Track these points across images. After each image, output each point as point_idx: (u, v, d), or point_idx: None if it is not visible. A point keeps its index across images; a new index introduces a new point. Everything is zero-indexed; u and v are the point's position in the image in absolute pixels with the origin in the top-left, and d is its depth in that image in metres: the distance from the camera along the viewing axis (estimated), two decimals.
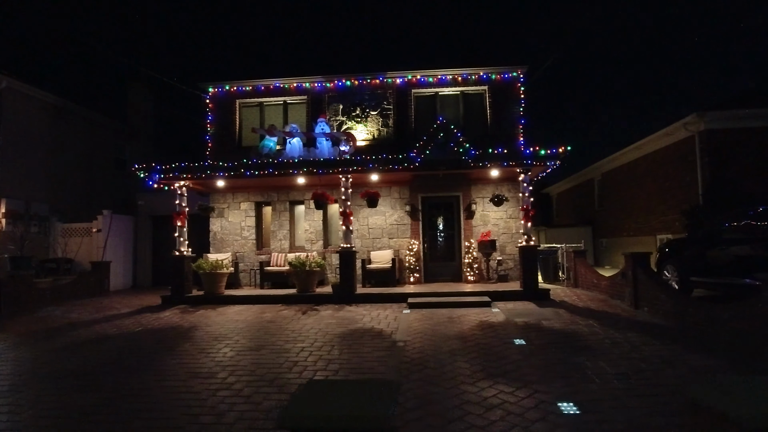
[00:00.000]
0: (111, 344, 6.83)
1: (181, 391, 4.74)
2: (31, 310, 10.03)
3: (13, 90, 11.96)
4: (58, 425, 4.03)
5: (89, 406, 4.39)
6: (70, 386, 4.99)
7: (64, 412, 4.30)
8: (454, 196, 11.80)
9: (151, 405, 4.40)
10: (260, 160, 10.04)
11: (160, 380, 5.08)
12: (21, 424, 4.09)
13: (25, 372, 5.59)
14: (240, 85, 12.52)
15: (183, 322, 8.08)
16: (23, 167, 12.27)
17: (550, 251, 12.05)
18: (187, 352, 6.21)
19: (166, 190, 10.99)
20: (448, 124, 9.62)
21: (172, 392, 4.72)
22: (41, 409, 4.40)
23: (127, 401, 4.51)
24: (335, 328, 7.27)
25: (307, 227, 12.09)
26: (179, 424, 3.94)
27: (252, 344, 6.48)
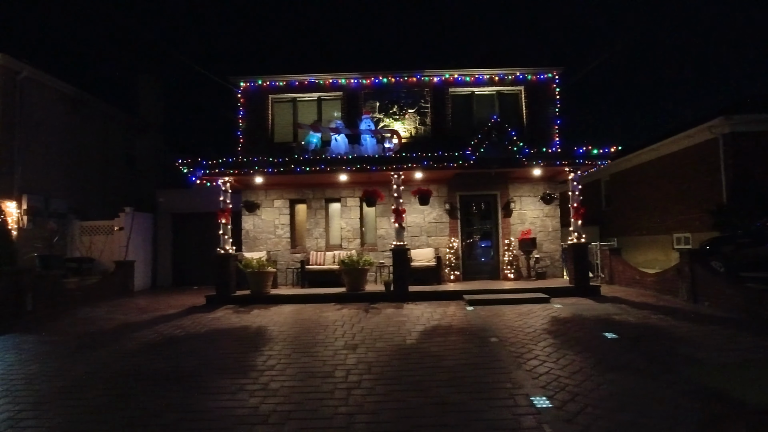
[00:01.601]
0: (187, 345, 6.53)
1: (321, 390, 4.60)
2: (66, 310, 9.52)
3: (33, 80, 11.30)
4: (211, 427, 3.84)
5: (237, 407, 4.21)
6: (188, 387, 4.77)
7: (206, 413, 4.11)
8: (492, 194, 11.91)
9: (296, 405, 4.25)
10: (306, 156, 9.85)
11: (284, 380, 4.92)
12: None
13: (120, 373, 5.28)
14: (273, 80, 12.24)
15: (245, 322, 7.82)
16: (41, 161, 11.60)
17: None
18: (278, 352, 6.02)
19: (208, 185, 10.62)
20: (503, 122, 9.70)
21: (309, 392, 4.57)
22: (185, 411, 4.19)
23: (267, 401, 4.34)
24: (414, 326, 7.21)
25: (344, 225, 11.94)
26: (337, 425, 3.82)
27: (350, 343, 6.34)
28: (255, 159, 9.76)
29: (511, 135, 9.53)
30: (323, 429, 3.77)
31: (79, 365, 5.66)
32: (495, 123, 9.64)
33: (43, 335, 7.36)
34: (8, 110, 10.70)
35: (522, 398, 4.29)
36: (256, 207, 10.86)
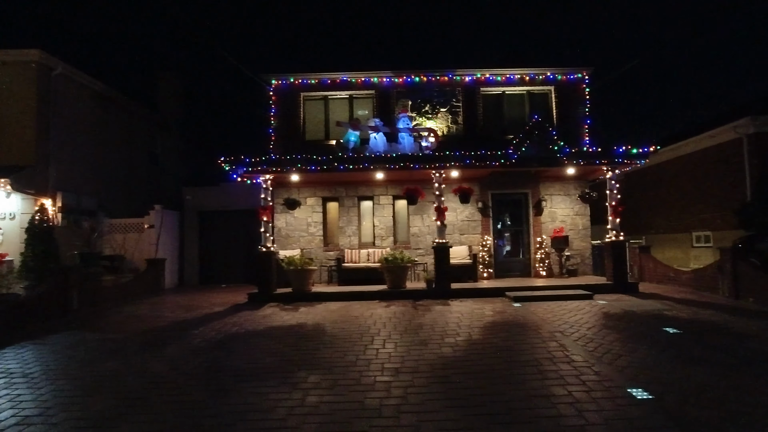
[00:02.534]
0: (252, 342, 6.54)
1: (415, 385, 4.67)
2: (108, 307, 9.49)
3: (66, 77, 11.19)
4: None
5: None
6: (280, 382, 4.82)
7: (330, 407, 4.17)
8: (523, 193, 12.05)
9: (401, 399, 4.32)
10: (350, 155, 9.90)
11: (375, 375, 4.98)
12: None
13: (203, 370, 5.30)
14: (305, 77, 12.25)
15: (299, 320, 7.85)
16: (72, 158, 11.49)
17: (601, 246, 12.53)
18: (351, 348, 6.07)
19: (248, 183, 10.61)
20: (544, 122, 9.82)
21: (405, 386, 4.64)
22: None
23: (370, 395, 4.40)
24: (472, 322, 7.31)
25: (377, 223, 12.00)
26: (453, 417, 3.91)
27: (417, 339, 6.41)
28: (299, 156, 9.78)
29: (552, 134, 9.66)
30: (439, 421, 3.86)
31: (157, 362, 5.68)
32: (536, 122, 9.77)
33: (101, 333, 7.34)
34: (43, 107, 10.60)
35: (618, 390, 4.41)
36: (297, 204, 10.86)
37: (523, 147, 9.60)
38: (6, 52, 10.34)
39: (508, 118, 12.43)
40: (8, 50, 10.35)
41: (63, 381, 5.09)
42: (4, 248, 10.20)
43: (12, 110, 10.38)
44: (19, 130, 10.37)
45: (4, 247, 10.21)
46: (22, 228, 10.31)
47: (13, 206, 10.32)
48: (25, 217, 10.34)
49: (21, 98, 10.38)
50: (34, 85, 10.43)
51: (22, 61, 10.39)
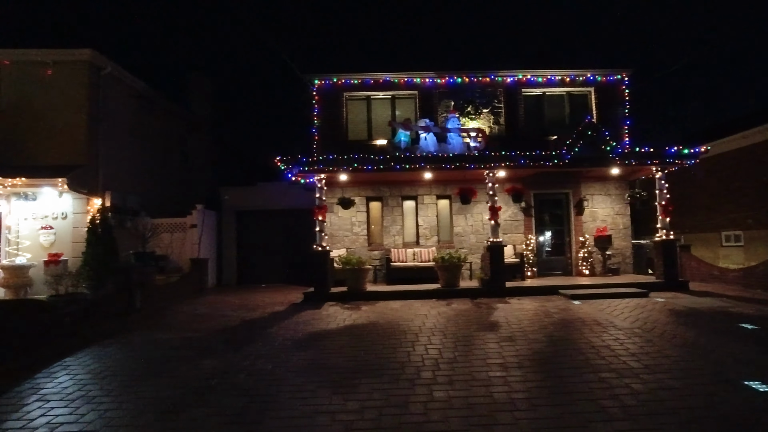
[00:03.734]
0: (337, 340, 6.60)
1: (531, 380, 4.78)
2: (166, 307, 9.51)
3: (112, 76, 11.18)
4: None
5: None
6: (394, 379, 4.90)
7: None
8: (564, 192, 12.20)
9: (527, 393, 4.42)
10: (407, 154, 9.99)
11: (480, 371, 5.08)
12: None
13: (306, 368, 5.37)
14: (348, 77, 12.31)
15: (369, 318, 7.91)
16: (118, 158, 11.48)
17: (638, 245, 12.73)
18: (438, 345, 6.16)
19: (301, 183, 10.67)
20: (597, 122, 9.96)
21: (520, 381, 4.74)
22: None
23: (495, 390, 4.50)
24: (542, 319, 7.42)
25: (422, 223, 12.09)
26: (590, 410, 4.01)
27: (501, 335, 6.51)
28: (356, 156, 9.85)
29: (605, 135, 9.81)
30: (574, 414, 3.96)
31: (255, 360, 5.72)
32: (589, 122, 9.91)
33: (176, 332, 7.37)
34: (93, 106, 10.59)
35: (736, 383, 4.54)
36: (351, 204, 10.93)
37: (576, 147, 9.72)
38: (57, 52, 10.32)
39: (549, 119, 12.58)
40: (60, 50, 10.33)
41: (169, 379, 5.13)
42: (56, 248, 10.19)
43: (63, 110, 10.36)
44: (70, 129, 10.35)
45: (56, 246, 10.20)
46: (74, 228, 10.31)
47: (65, 206, 10.31)
48: (77, 217, 10.34)
49: (72, 98, 10.36)
50: (86, 85, 10.42)
51: (73, 60, 10.37)
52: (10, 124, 10.31)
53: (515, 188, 10.11)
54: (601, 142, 9.76)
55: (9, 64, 10.35)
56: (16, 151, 10.19)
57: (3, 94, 10.41)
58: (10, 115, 10.34)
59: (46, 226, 10.22)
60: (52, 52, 10.33)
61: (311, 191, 13.08)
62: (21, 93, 10.41)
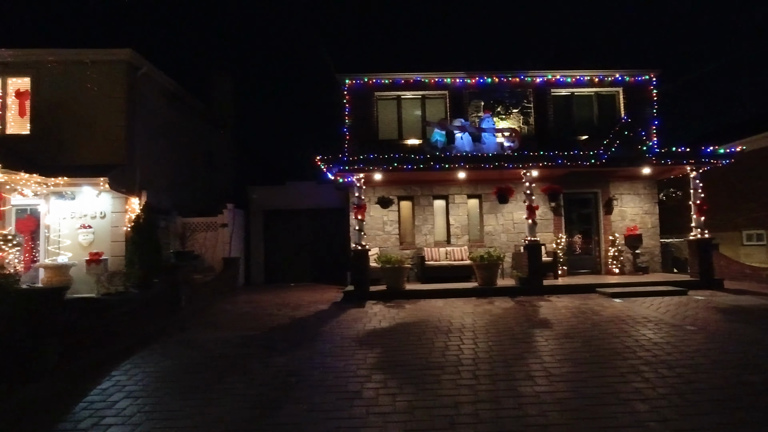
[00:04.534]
0: (400, 337, 6.68)
1: (613, 374, 4.88)
2: (207, 305, 9.59)
3: (147, 76, 11.21)
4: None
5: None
6: (495, 377, 5.00)
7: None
8: (593, 192, 12.32)
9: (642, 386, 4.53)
10: (447, 154, 10.08)
11: (578, 366, 5.18)
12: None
13: (385, 365, 5.44)
14: (378, 77, 12.39)
15: (418, 316, 7.99)
16: (151, 157, 11.52)
17: (664, 244, 12.89)
18: (513, 342, 6.25)
19: (331, 182, 10.76)
20: (633, 122, 10.08)
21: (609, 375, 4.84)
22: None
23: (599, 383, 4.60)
24: (590, 317, 7.51)
25: (453, 222, 12.19)
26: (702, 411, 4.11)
27: (563, 333, 6.61)
28: (396, 155, 9.93)
29: (642, 135, 9.93)
30: (672, 407, 4.05)
31: (319, 358, 5.78)
32: (626, 122, 10.03)
33: (229, 330, 7.44)
34: (130, 106, 10.62)
35: None
36: (390, 203, 11.01)
37: (613, 147, 9.84)
38: (96, 52, 10.35)
39: (577, 119, 12.69)
40: (99, 49, 10.36)
41: (248, 375, 5.20)
42: (94, 247, 10.22)
43: (101, 110, 10.39)
44: (109, 129, 10.38)
45: (94, 245, 10.23)
46: (113, 227, 10.35)
47: (103, 206, 10.34)
48: (115, 216, 10.38)
49: (110, 98, 10.39)
50: (124, 85, 10.46)
51: (111, 60, 10.40)
52: (49, 123, 10.34)
53: (552, 188, 10.23)
54: (637, 141, 9.87)
55: (47, 63, 10.37)
56: (55, 151, 10.22)
57: (41, 94, 10.42)
58: (48, 115, 10.37)
59: (84, 225, 10.26)
60: (90, 51, 10.36)
61: (341, 190, 13.21)
62: (59, 93, 10.43)
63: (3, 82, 10.43)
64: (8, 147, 9.96)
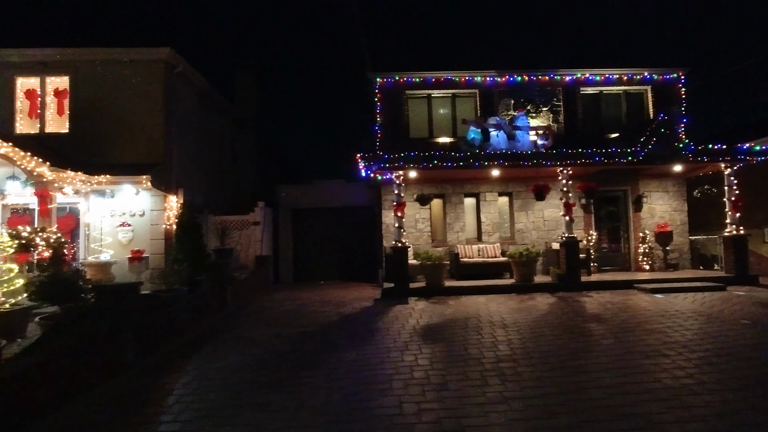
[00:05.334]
0: (456, 333, 6.76)
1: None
2: (248, 302, 9.66)
3: (182, 74, 11.27)
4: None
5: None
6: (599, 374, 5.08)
7: None
8: (623, 189, 12.42)
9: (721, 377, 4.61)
10: (487, 151, 10.17)
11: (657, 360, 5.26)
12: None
13: (469, 358, 5.52)
14: (409, 76, 12.46)
15: (464, 313, 8.06)
16: (185, 156, 11.58)
17: (700, 241, 12.99)
18: (571, 339, 6.33)
19: (378, 179, 10.81)
20: (669, 120, 10.17)
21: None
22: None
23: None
24: (638, 312, 7.60)
25: (484, 219, 12.28)
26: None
27: (620, 326, 6.69)
28: (437, 153, 10.02)
29: (678, 132, 10.02)
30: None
31: (385, 353, 5.84)
32: (662, 120, 10.12)
33: (284, 327, 7.51)
34: (167, 105, 10.67)
35: None
36: (429, 200, 11.10)
37: (649, 145, 9.93)
38: (135, 51, 10.40)
39: (606, 117, 12.78)
40: (138, 48, 10.41)
41: (328, 370, 5.26)
42: (133, 244, 10.28)
43: (140, 108, 10.45)
44: (147, 128, 10.44)
45: (134, 243, 10.29)
46: (152, 225, 10.42)
47: (141, 204, 10.40)
48: (154, 214, 10.43)
49: (149, 96, 10.45)
50: (162, 84, 10.51)
51: (150, 59, 10.45)
52: (87, 122, 10.39)
53: (588, 185, 10.32)
54: (673, 139, 9.96)
55: (85, 62, 10.42)
56: (93, 150, 10.27)
57: (79, 93, 10.47)
58: (86, 114, 10.42)
59: (124, 224, 10.31)
60: (129, 50, 10.41)
61: (372, 189, 13.29)
62: (96, 91, 10.48)
63: (42, 81, 10.48)
64: (48, 146, 10.01)
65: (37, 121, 10.53)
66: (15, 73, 10.41)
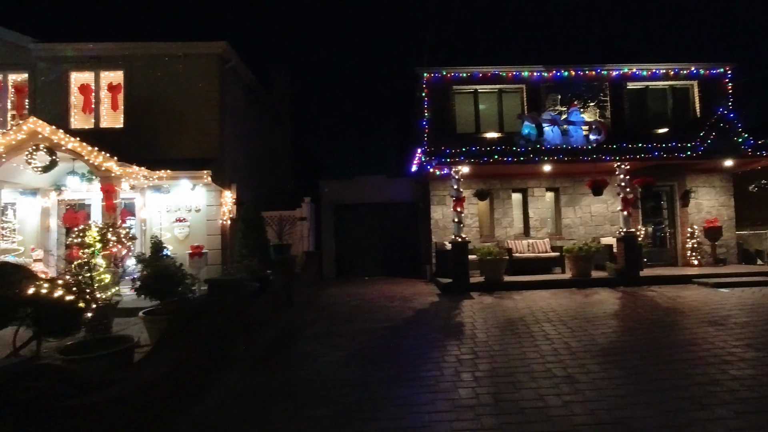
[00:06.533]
0: (554, 327, 6.76)
1: None
2: (312, 298, 9.62)
3: (234, 69, 11.21)
4: None
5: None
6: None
7: None
8: (669, 185, 12.41)
9: None
10: (548, 146, 10.16)
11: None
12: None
13: (607, 351, 5.52)
14: (456, 71, 12.42)
15: (539, 307, 8.07)
16: (235, 151, 11.53)
17: (747, 236, 13.04)
18: (684, 330, 6.34)
19: (438, 174, 10.79)
20: (726, 114, 10.16)
21: None
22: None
23: None
24: (719, 306, 7.60)
25: (532, 215, 12.27)
26: None
27: (710, 320, 6.69)
28: (499, 148, 10.01)
29: (738, 127, 10.02)
30: None
31: (488, 345, 5.85)
32: (721, 115, 10.11)
33: (364, 323, 7.51)
34: (222, 99, 10.62)
35: None
36: (487, 195, 11.08)
37: (708, 139, 9.93)
38: (190, 45, 10.33)
39: (652, 113, 12.77)
40: (193, 43, 10.35)
41: (451, 364, 5.26)
42: (190, 240, 10.25)
43: (194, 103, 10.39)
44: (202, 123, 10.39)
45: (190, 239, 10.26)
46: (208, 221, 10.38)
47: (197, 199, 10.36)
48: (210, 210, 10.40)
49: (204, 91, 10.40)
50: (217, 78, 10.45)
51: (204, 53, 10.39)
52: (141, 117, 10.34)
53: (645, 180, 10.31)
54: (733, 133, 9.96)
55: (139, 57, 10.34)
56: (148, 145, 10.22)
57: (133, 88, 10.40)
58: (140, 109, 10.36)
59: (179, 219, 10.27)
60: (184, 45, 10.34)
61: (418, 184, 13.27)
62: (150, 86, 10.42)
63: (96, 76, 10.41)
64: (104, 141, 9.94)
65: (91, 116, 10.46)
66: (69, 67, 10.33)
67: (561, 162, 10.15)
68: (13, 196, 10.05)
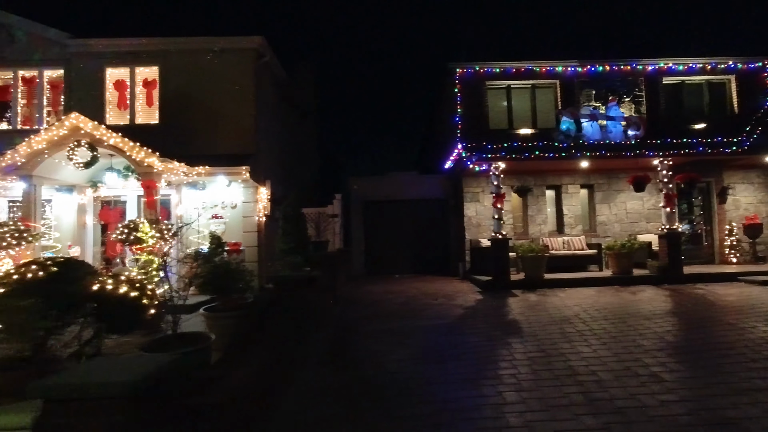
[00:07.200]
0: (612, 324, 6.63)
1: None
2: (351, 295, 9.52)
3: (267, 65, 11.10)
4: None
5: None
6: None
7: None
8: (706, 181, 12.20)
9: None
10: (593, 141, 10.01)
11: None
12: None
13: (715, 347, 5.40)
14: (489, 66, 12.26)
15: (589, 304, 7.93)
16: (268, 147, 11.44)
17: None
18: (749, 331, 6.19)
19: (477, 170, 10.66)
20: (747, 110, 9.96)
21: None
22: None
23: None
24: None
25: (566, 212, 12.12)
26: None
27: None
28: (540, 144, 9.86)
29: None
30: None
31: (570, 343, 5.73)
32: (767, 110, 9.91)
33: (425, 320, 7.42)
34: (257, 94, 10.52)
35: None
36: (527, 192, 10.95)
37: (754, 135, 9.74)
38: (227, 40, 10.24)
39: (688, 108, 12.57)
40: (229, 37, 10.25)
41: (555, 361, 5.16)
42: (226, 237, 10.14)
43: (230, 99, 10.30)
44: (238, 118, 10.30)
45: (226, 236, 10.16)
46: (244, 217, 10.29)
47: (233, 195, 10.26)
48: (246, 206, 10.32)
49: (240, 86, 10.30)
50: (252, 73, 10.36)
51: (240, 48, 10.29)
52: (176, 113, 10.26)
53: (689, 176, 10.14)
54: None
55: (174, 52, 10.26)
56: (184, 140, 10.14)
57: (168, 83, 10.33)
58: (175, 104, 10.29)
59: (216, 216, 10.19)
60: (220, 39, 10.25)
61: (450, 180, 13.15)
62: (186, 81, 10.34)
63: (131, 71, 10.33)
64: (139, 137, 9.86)
65: (126, 111, 10.40)
66: (104, 63, 10.26)
67: (602, 158, 10.00)
68: (49, 192, 9.98)
